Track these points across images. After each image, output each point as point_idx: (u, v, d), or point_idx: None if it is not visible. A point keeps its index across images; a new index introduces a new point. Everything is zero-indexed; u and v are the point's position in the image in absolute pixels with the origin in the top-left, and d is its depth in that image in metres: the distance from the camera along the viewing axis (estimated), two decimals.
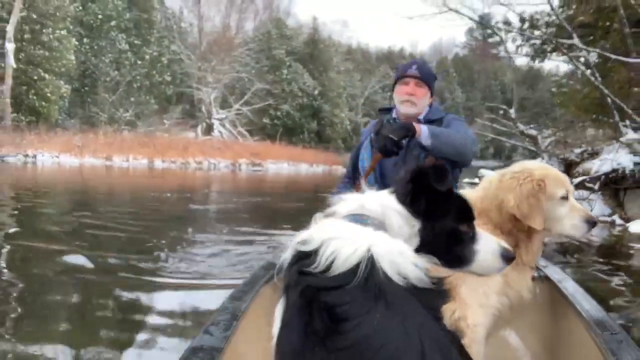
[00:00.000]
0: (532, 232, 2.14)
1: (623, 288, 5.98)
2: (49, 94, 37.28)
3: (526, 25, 14.38)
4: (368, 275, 1.17)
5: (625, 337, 2.00)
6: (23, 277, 5.62)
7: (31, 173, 24.18)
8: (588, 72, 10.80)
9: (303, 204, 14.29)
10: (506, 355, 2.86)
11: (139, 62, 45.54)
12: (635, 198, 10.52)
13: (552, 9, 11.25)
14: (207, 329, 2.01)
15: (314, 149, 51.40)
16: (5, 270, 5.88)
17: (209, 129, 48.86)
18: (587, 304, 2.39)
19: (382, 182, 3.12)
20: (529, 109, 44.94)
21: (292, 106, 54.72)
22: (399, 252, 1.21)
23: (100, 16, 43.80)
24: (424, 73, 3.22)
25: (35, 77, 36.62)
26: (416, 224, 1.38)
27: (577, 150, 12.75)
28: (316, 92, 56.24)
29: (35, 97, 36.80)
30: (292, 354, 1.16)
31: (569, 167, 12.58)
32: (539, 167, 2.22)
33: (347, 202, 1.41)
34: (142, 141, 35.45)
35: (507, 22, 15.69)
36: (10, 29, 34.97)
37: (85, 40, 42.93)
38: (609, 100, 10.48)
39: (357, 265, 1.16)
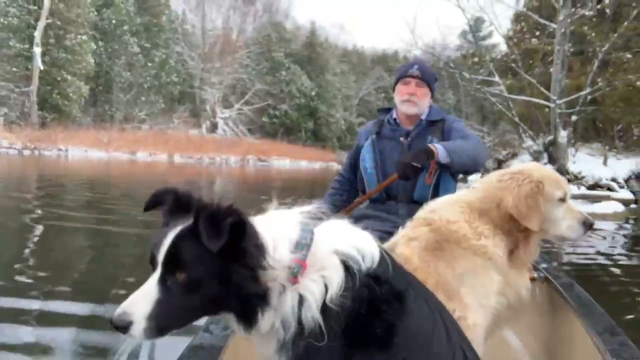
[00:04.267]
0: (530, 233, 2.22)
1: None
2: (70, 94, 43.08)
3: (475, 59, 20.53)
4: (393, 264, 1.48)
5: (624, 338, 2.10)
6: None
7: (78, 166, 29.98)
8: (499, 100, 17.07)
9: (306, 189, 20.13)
10: (506, 356, 2.97)
11: (149, 64, 51.49)
12: None
13: (479, 53, 17.32)
14: (207, 327, 2.11)
15: (311, 147, 57.55)
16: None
17: (213, 127, 54.89)
18: (586, 305, 2.51)
19: (383, 176, 3.27)
20: None
21: (290, 106, 60.61)
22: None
23: (114, 21, 49.46)
24: (425, 73, 3.34)
25: (59, 79, 42.41)
26: None
27: (504, 152, 18.88)
28: (313, 93, 61.97)
29: (58, 97, 42.62)
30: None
31: (499, 164, 18.72)
32: (538, 168, 2.31)
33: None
34: (161, 138, 41.53)
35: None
36: (37, 34, 40.93)
37: (100, 43, 48.49)
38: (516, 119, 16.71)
39: (382, 256, 1.47)
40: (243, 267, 1.32)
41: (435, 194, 3.03)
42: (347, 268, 1.39)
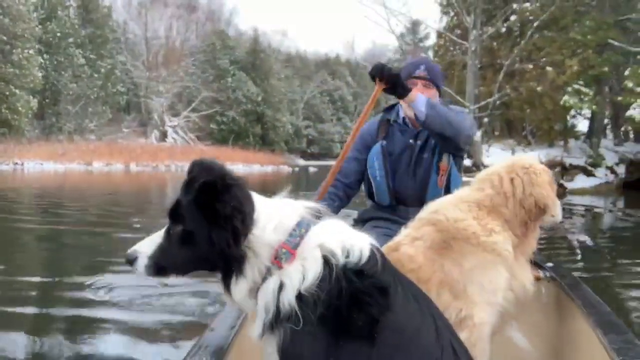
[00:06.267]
0: (538, 222, 2.31)
1: None
2: (20, 108, 44.23)
3: None
4: (384, 263, 1.54)
5: (632, 337, 2.10)
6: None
7: (36, 178, 31.78)
8: None
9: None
10: (512, 355, 2.98)
11: (95, 75, 53.07)
12: None
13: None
14: (213, 327, 2.19)
15: (261, 152, 60.22)
16: None
17: (162, 136, 57.08)
18: (593, 304, 2.52)
19: (393, 182, 3.23)
20: None
21: (238, 112, 63.18)
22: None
23: (58, 34, 50.81)
24: (433, 73, 3.23)
25: (7, 93, 43.40)
26: None
27: None
28: (259, 98, 64.70)
29: (7, 111, 43.69)
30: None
31: None
32: (533, 159, 2.42)
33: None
34: (115, 148, 43.70)
35: None
36: None
37: (45, 56, 49.65)
38: None
39: (372, 254, 1.52)
40: (220, 229, 1.48)
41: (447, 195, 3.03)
42: (326, 262, 1.49)
